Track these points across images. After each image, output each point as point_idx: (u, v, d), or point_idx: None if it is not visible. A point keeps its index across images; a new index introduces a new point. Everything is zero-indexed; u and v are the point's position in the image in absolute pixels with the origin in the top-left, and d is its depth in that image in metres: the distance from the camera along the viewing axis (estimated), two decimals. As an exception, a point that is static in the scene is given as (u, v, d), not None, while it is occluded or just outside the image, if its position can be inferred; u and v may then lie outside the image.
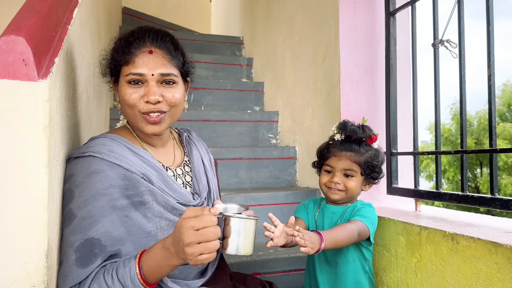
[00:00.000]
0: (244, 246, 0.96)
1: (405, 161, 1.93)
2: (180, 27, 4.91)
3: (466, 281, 1.20)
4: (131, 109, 1.10)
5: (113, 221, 1.02)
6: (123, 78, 1.10)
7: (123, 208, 1.04)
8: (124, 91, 1.09)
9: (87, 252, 0.98)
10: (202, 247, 0.88)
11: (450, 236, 1.27)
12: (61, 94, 1.05)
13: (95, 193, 1.01)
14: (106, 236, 1.00)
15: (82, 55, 1.43)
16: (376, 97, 2.01)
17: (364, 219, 1.37)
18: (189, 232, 0.88)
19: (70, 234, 0.99)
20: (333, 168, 1.45)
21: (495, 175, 1.35)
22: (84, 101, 1.45)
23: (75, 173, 1.03)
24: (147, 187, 1.07)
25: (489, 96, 1.36)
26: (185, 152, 1.30)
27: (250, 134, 2.70)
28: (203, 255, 0.89)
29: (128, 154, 1.10)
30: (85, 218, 0.99)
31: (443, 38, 1.60)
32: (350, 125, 1.47)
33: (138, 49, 1.09)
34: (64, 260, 0.98)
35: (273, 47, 2.93)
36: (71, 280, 0.97)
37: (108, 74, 1.17)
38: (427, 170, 17.43)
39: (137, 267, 0.97)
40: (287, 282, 1.77)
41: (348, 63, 2.00)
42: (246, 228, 0.96)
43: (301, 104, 2.45)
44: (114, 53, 1.13)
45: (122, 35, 1.15)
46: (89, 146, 1.07)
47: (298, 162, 2.50)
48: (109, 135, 1.13)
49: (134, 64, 1.08)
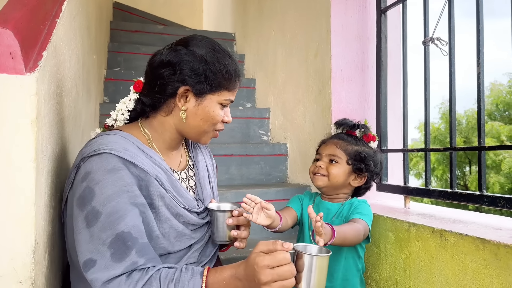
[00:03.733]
0: (317, 283, 0.95)
1: (395, 159, 1.94)
2: (171, 22, 4.88)
3: (454, 277, 1.21)
4: (212, 125, 1.15)
5: (137, 216, 1.00)
6: (217, 98, 1.13)
7: (143, 205, 1.03)
8: (216, 111, 1.14)
9: (121, 246, 0.95)
10: (279, 285, 0.89)
11: (438, 233, 1.28)
12: (49, 88, 1.03)
13: (117, 190, 0.99)
14: (135, 229, 0.98)
15: (71, 49, 1.41)
16: (366, 95, 2.02)
17: (365, 217, 1.37)
18: (266, 272, 0.89)
19: (100, 231, 0.96)
20: (320, 154, 1.48)
21: (484, 173, 1.36)
22: (73, 95, 1.43)
23: (92, 170, 1.00)
24: (158, 190, 1.06)
25: (478, 94, 1.37)
26: (189, 156, 1.29)
27: (241, 130, 2.70)
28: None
29: (140, 154, 1.08)
30: (112, 214, 0.97)
31: (433, 36, 1.61)
32: (343, 119, 1.53)
33: (238, 79, 1.17)
34: (98, 258, 0.95)
35: (265, 44, 2.92)
36: (112, 272, 0.94)
37: (201, 84, 1.12)
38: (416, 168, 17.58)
39: (203, 286, 0.95)
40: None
41: (339, 60, 2.00)
42: (319, 265, 0.95)
43: (293, 101, 2.45)
44: (220, 76, 1.12)
45: (224, 60, 1.13)
46: (102, 143, 1.03)
47: (289, 159, 2.51)
48: (120, 132, 1.11)
49: (233, 93, 1.16)
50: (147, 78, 1.17)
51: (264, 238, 2.03)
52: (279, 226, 1.29)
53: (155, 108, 1.16)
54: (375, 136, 1.51)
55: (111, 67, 2.97)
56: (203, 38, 1.15)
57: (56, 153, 1.14)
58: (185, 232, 1.12)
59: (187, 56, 1.10)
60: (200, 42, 1.13)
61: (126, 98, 1.23)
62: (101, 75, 2.61)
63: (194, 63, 1.09)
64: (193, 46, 1.11)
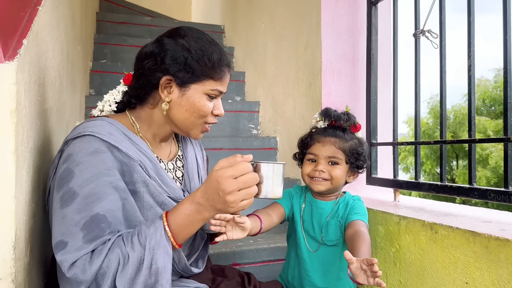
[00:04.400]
0: (275, 190, 1.00)
1: (384, 152, 1.93)
2: (159, 14, 4.81)
3: (444, 270, 1.21)
4: (199, 117, 1.11)
5: (116, 201, 0.98)
6: (202, 88, 1.09)
7: (124, 190, 1.00)
8: (202, 102, 1.10)
9: (94, 228, 0.93)
10: (244, 193, 0.91)
11: (429, 226, 1.27)
12: (30, 77, 0.99)
13: (97, 172, 0.96)
14: (110, 214, 0.96)
15: (54, 39, 1.36)
16: (357, 88, 2.01)
17: (363, 217, 1.33)
18: (230, 181, 0.90)
19: (74, 213, 0.93)
20: (316, 156, 1.37)
21: (474, 165, 1.36)
22: (56, 86, 1.39)
23: (74, 152, 0.98)
24: (141, 176, 1.04)
25: (469, 87, 1.36)
26: (179, 147, 1.27)
27: (231, 124, 2.67)
28: (244, 201, 0.92)
29: (125, 139, 1.06)
30: (89, 195, 0.94)
31: (424, 29, 1.60)
32: (333, 111, 1.43)
33: (226, 69, 1.12)
34: (70, 240, 0.92)
35: (255, 36, 2.89)
36: (83, 252, 0.91)
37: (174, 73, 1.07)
38: (404, 162, 17.73)
39: (166, 225, 0.94)
40: (267, 272, 1.76)
41: (330, 52, 1.98)
42: (276, 173, 1.00)
43: (283, 94, 2.43)
44: (202, 64, 1.07)
45: (208, 48, 1.09)
46: (87, 126, 1.02)
47: (279, 153, 2.49)
48: (106, 118, 1.09)
49: (222, 82, 1.12)
50: (134, 71, 1.15)
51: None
52: (259, 232, 1.27)
53: (142, 101, 1.13)
54: (361, 125, 1.44)
55: (97, 59, 2.91)
56: (189, 28, 1.12)
57: (38, 146, 1.10)
58: None
59: (169, 45, 1.07)
60: (185, 31, 1.10)
61: (114, 90, 1.21)
62: (86, 67, 2.56)
63: (175, 52, 1.07)
64: (177, 36, 1.09)
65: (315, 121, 1.47)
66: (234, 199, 0.91)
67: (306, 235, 1.41)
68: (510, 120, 1.22)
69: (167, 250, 0.94)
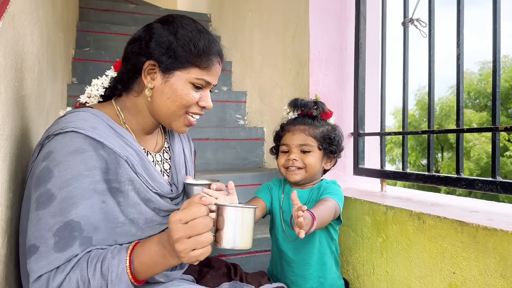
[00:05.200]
0: (241, 239, 0.86)
1: (371, 143, 1.93)
2: (143, 1, 4.71)
3: (432, 260, 1.20)
4: (182, 107, 1.05)
5: (92, 206, 0.93)
6: (186, 76, 1.04)
7: (102, 193, 0.96)
8: (186, 90, 1.05)
9: (66, 235, 0.89)
10: (193, 241, 0.81)
11: (416, 216, 1.26)
12: (5, 61, 0.95)
13: (77, 173, 0.92)
14: (85, 220, 0.92)
15: (33, 23, 1.31)
16: (344, 77, 1.99)
17: (334, 196, 1.33)
18: (177, 226, 0.81)
19: (49, 217, 0.89)
20: (288, 145, 1.39)
21: (461, 155, 1.35)
22: (36, 73, 1.34)
23: (55, 150, 0.93)
24: (127, 173, 1.00)
25: (458, 76, 1.35)
26: (165, 138, 1.23)
27: (217, 114, 2.63)
28: (195, 250, 0.82)
29: (111, 133, 1.01)
30: (66, 199, 0.90)
31: (413, 17, 1.58)
32: (300, 100, 1.45)
33: (215, 59, 1.07)
34: (41, 244, 0.89)
35: (241, 25, 2.84)
36: (46, 265, 0.88)
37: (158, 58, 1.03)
38: (390, 154, 17.90)
39: (127, 260, 0.88)
40: (253, 263, 1.74)
41: (318, 41, 1.95)
42: (244, 219, 0.86)
43: (270, 84, 2.40)
44: (187, 50, 1.03)
45: (195, 35, 1.05)
46: (70, 121, 0.97)
47: (266, 143, 2.46)
48: (90, 109, 1.04)
49: (209, 72, 1.06)
50: (122, 56, 1.11)
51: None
52: None
53: (127, 87, 1.10)
54: (331, 111, 1.44)
55: (80, 46, 2.83)
56: (182, 16, 1.09)
57: (16, 133, 1.05)
58: (155, 219, 1.06)
59: (156, 30, 1.04)
60: (175, 18, 1.07)
61: (104, 75, 1.17)
62: (69, 54, 2.49)
63: (161, 36, 1.03)
64: (167, 22, 1.06)
65: (286, 113, 1.48)
66: (183, 248, 0.81)
67: (286, 225, 1.40)
68: (498, 109, 1.21)
69: (128, 285, 0.89)
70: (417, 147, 16.69)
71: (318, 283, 1.38)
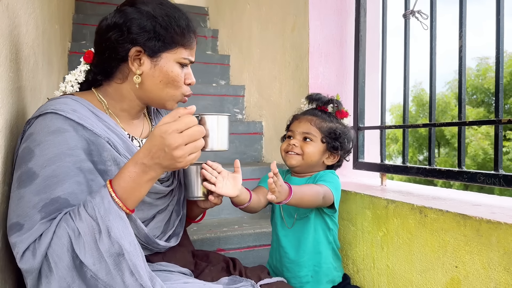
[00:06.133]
0: (220, 141, 1.02)
1: (371, 136, 1.91)
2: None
3: (433, 254, 1.19)
4: (175, 88, 1.07)
5: (79, 184, 0.93)
6: (174, 56, 1.05)
7: (90, 171, 0.95)
8: (176, 71, 1.06)
9: (54, 211, 0.89)
10: (191, 147, 0.89)
11: (418, 209, 1.25)
12: (0, 51, 0.92)
13: (59, 152, 0.91)
14: (72, 197, 0.91)
15: (28, 13, 1.28)
16: (344, 70, 1.97)
17: (327, 183, 1.32)
18: (176, 136, 0.86)
19: (32, 194, 0.89)
20: (293, 132, 1.43)
21: (463, 148, 1.34)
22: (31, 64, 1.31)
23: (35, 131, 0.93)
24: (111, 154, 0.99)
25: (460, 68, 1.33)
26: (152, 125, 1.22)
27: (215, 108, 2.60)
28: (191, 154, 0.90)
29: (91, 116, 1.00)
30: (50, 177, 0.90)
31: (414, 9, 1.56)
32: (316, 94, 1.48)
33: (193, 36, 1.09)
34: (26, 222, 0.87)
35: (240, 18, 2.82)
36: (31, 236, 0.87)
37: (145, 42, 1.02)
38: (387, 149, 17.94)
39: (111, 191, 0.88)
40: (252, 258, 1.73)
41: (317, 34, 1.93)
42: (220, 124, 1.01)
43: (268, 77, 2.38)
44: (172, 31, 1.03)
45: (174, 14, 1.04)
46: (49, 104, 0.96)
47: (265, 138, 2.45)
48: (70, 95, 1.03)
49: (191, 51, 1.09)
50: (96, 47, 1.08)
51: (239, 218, 1.98)
52: (248, 203, 1.22)
53: (108, 76, 1.08)
54: (348, 112, 1.46)
55: (76, 39, 2.80)
56: None
57: (11, 125, 1.03)
58: (145, 200, 1.05)
59: (133, 14, 1.02)
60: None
61: (76, 69, 1.14)
62: (65, 47, 2.45)
63: (141, 20, 1.01)
64: (139, 3, 1.04)
65: (303, 105, 1.51)
66: (182, 154, 0.87)
67: (284, 213, 1.43)
68: (501, 102, 1.20)
69: (119, 214, 0.88)
70: (414, 143, 16.73)
71: (313, 272, 1.38)
